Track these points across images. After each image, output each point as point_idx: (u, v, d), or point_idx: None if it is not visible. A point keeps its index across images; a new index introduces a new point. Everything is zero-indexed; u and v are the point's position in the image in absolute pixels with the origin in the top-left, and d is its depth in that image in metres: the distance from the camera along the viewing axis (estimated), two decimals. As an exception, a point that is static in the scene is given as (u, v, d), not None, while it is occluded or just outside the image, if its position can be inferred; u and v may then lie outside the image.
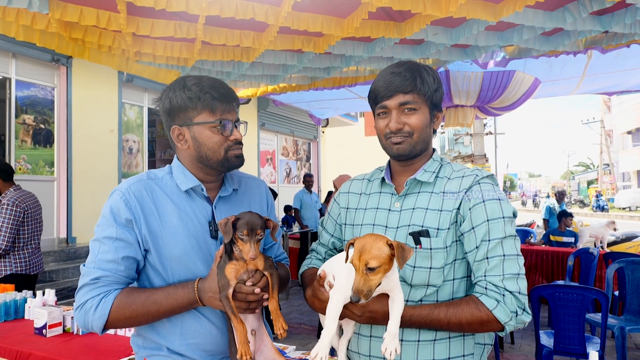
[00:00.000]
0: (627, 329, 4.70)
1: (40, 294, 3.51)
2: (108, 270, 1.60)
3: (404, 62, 1.70)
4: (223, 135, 1.67)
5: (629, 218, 31.60)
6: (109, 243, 1.61)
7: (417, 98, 1.64)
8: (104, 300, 1.58)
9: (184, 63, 5.74)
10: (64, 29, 4.57)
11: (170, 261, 1.65)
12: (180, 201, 1.70)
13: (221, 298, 1.53)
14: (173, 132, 1.71)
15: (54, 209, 8.44)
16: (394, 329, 1.43)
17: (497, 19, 4.21)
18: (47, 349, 2.89)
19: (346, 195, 1.89)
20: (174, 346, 1.68)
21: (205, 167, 1.72)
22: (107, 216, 1.64)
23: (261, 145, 14.78)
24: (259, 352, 1.69)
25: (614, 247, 8.89)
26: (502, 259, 1.51)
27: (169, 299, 1.59)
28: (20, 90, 7.99)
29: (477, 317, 1.49)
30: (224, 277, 1.54)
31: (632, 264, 5.10)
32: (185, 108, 1.66)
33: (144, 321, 1.63)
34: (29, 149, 8.12)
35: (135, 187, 1.67)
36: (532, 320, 4.65)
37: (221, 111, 1.67)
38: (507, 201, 1.60)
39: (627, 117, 45.18)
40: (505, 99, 7.79)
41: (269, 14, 4.26)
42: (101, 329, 1.59)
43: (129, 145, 10.08)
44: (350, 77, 6.89)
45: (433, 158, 1.74)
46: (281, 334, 1.56)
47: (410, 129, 1.65)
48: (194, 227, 1.68)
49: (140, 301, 1.59)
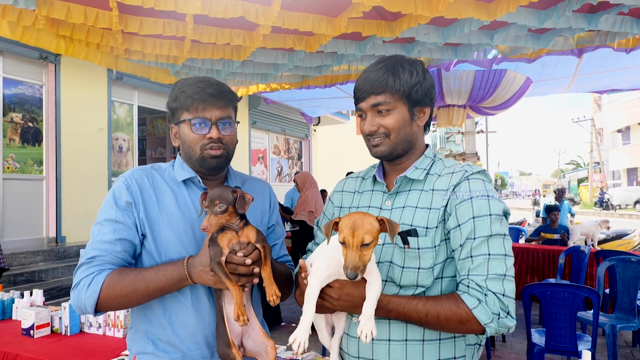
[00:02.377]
0: (618, 326, 4.72)
1: (27, 294, 3.48)
2: (104, 250, 1.64)
3: (384, 59, 1.65)
4: (197, 133, 1.71)
5: (618, 216, 31.87)
6: (108, 225, 1.66)
7: (389, 98, 1.59)
8: (96, 277, 1.61)
9: (173, 61, 5.69)
10: (52, 26, 4.51)
11: (166, 246, 1.69)
12: (179, 190, 1.77)
13: (212, 266, 1.52)
14: (171, 130, 1.83)
15: (43, 208, 8.38)
16: (369, 310, 1.42)
17: (491, 18, 4.20)
18: (34, 349, 2.86)
19: (340, 194, 1.87)
20: (163, 336, 1.69)
21: (191, 165, 1.78)
22: (110, 199, 1.70)
23: (252, 144, 14.75)
24: (246, 335, 1.68)
25: (605, 245, 8.96)
26: (486, 258, 1.45)
27: (158, 275, 1.61)
28: (8, 88, 7.91)
29: (456, 314, 1.44)
30: (216, 245, 1.54)
31: (623, 262, 5.13)
32: (175, 108, 1.76)
33: (134, 300, 1.62)
34: (17, 148, 8.04)
35: (137, 174, 1.76)
36: (523, 318, 4.66)
37: (197, 109, 1.70)
38: (499, 199, 1.54)
39: (617, 116, 45.51)
40: (496, 98, 7.81)
41: (259, 14, 4.22)
42: (93, 307, 1.60)
43: (119, 143, 10.03)
44: (341, 75, 6.87)
45: (425, 155, 1.69)
46: (274, 300, 1.55)
47: (386, 129, 1.61)
48: (190, 215, 1.73)
49: (130, 278, 1.61)
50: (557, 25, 4.55)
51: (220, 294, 1.63)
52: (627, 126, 44.54)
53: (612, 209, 35.97)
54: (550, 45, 5.18)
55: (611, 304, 5.79)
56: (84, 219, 8.47)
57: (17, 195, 7.93)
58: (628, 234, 9.49)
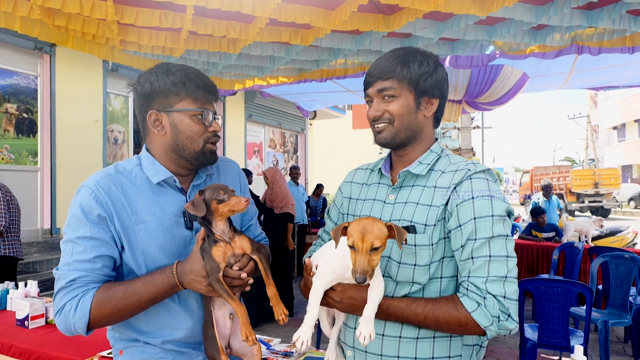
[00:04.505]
0: (610, 322, 4.75)
1: (22, 285, 3.48)
2: (84, 270, 1.53)
3: (398, 49, 1.65)
4: (204, 124, 1.64)
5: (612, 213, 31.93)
6: (83, 243, 1.54)
7: (396, 84, 1.59)
8: (82, 300, 1.51)
9: (169, 53, 5.67)
10: (47, 16, 4.49)
11: (145, 257, 1.59)
12: (151, 194, 1.63)
13: (211, 282, 1.48)
14: (150, 117, 1.63)
15: (38, 199, 8.36)
16: (369, 314, 1.43)
17: (486, 13, 4.20)
18: (29, 340, 2.86)
19: (349, 185, 1.87)
20: (151, 340, 1.66)
21: (179, 158, 1.66)
22: (78, 215, 1.56)
23: (248, 137, 14.72)
24: (233, 335, 1.67)
25: (598, 242, 8.97)
26: (487, 260, 1.43)
27: (147, 286, 1.53)
28: (3, 79, 7.88)
29: (455, 317, 1.43)
30: (212, 260, 1.48)
31: (616, 259, 5.16)
32: (167, 93, 1.61)
33: (127, 314, 1.56)
34: (12, 139, 8.01)
35: (103, 183, 1.59)
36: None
37: (203, 101, 1.64)
38: (502, 198, 1.51)
39: (613, 113, 45.60)
40: (492, 93, 7.80)
41: (256, 6, 4.21)
42: (85, 329, 1.53)
43: (114, 135, 9.99)
44: (338, 69, 6.86)
45: (431, 149, 1.67)
46: (282, 319, 1.53)
47: (390, 115, 1.61)
48: (167, 221, 1.62)
49: (119, 294, 1.52)
50: (554, 22, 4.54)
51: (210, 299, 1.60)
52: (622, 123, 44.63)
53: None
54: (547, 41, 5.18)
55: (604, 299, 5.83)
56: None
57: (12, 186, 7.82)
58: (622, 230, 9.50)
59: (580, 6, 4.27)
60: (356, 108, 23.42)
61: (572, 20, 4.53)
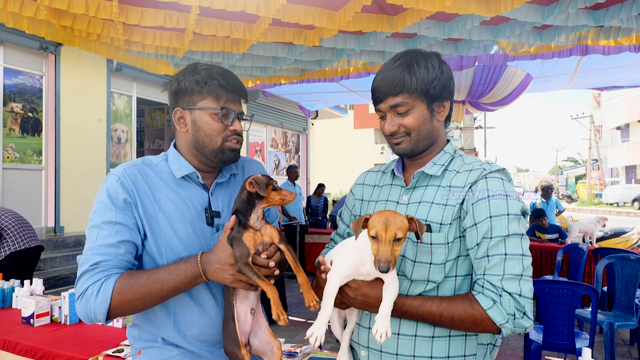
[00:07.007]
0: (615, 324, 4.73)
1: (27, 283, 3.49)
2: (108, 255, 1.55)
3: (400, 56, 1.63)
4: (223, 123, 1.65)
5: (616, 214, 31.88)
6: (108, 227, 1.56)
7: (407, 97, 1.57)
8: (105, 284, 1.52)
9: (173, 53, 5.68)
10: (53, 16, 4.50)
11: (167, 247, 1.61)
12: (175, 187, 1.68)
13: (240, 267, 1.47)
14: (175, 114, 1.70)
15: (42, 198, 8.39)
16: (386, 310, 1.44)
17: (494, 14, 4.18)
18: (34, 338, 2.88)
19: (361, 187, 1.88)
20: (169, 337, 1.66)
21: (200, 155, 1.69)
22: (105, 200, 1.59)
23: (250, 137, 14.74)
24: (253, 333, 1.67)
25: (603, 243, 8.96)
26: (503, 258, 1.44)
27: (171, 274, 1.54)
28: (9, 78, 7.90)
29: (471, 315, 1.44)
30: (242, 245, 1.49)
31: (621, 260, 5.13)
32: (191, 91, 1.65)
33: (148, 303, 1.55)
34: (17, 138, 8.04)
35: (130, 171, 1.64)
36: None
37: (225, 100, 1.66)
38: (517, 198, 1.52)
39: (616, 113, 45.45)
40: (495, 93, 7.79)
41: (260, 7, 4.21)
42: (105, 315, 1.53)
43: (118, 134, 10.02)
44: (341, 69, 6.86)
45: (444, 150, 1.68)
46: (313, 305, 1.51)
47: (406, 129, 1.61)
48: (189, 214, 1.66)
49: (142, 281, 1.53)
50: (560, 22, 4.53)
51: (233, 292, 1.60)
52: (626, 123, 44.50)
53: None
54: (553, 42, 5.17)
55: (609, 301, 5.80)
56: (83, 209, 8.46)
57: (17, 185, 7.93)
58: (626, 231, 9.50)
59: (587, 7, 4.26)
60: (358, 108, 23.42)
61: (577, 20, 4.52)
